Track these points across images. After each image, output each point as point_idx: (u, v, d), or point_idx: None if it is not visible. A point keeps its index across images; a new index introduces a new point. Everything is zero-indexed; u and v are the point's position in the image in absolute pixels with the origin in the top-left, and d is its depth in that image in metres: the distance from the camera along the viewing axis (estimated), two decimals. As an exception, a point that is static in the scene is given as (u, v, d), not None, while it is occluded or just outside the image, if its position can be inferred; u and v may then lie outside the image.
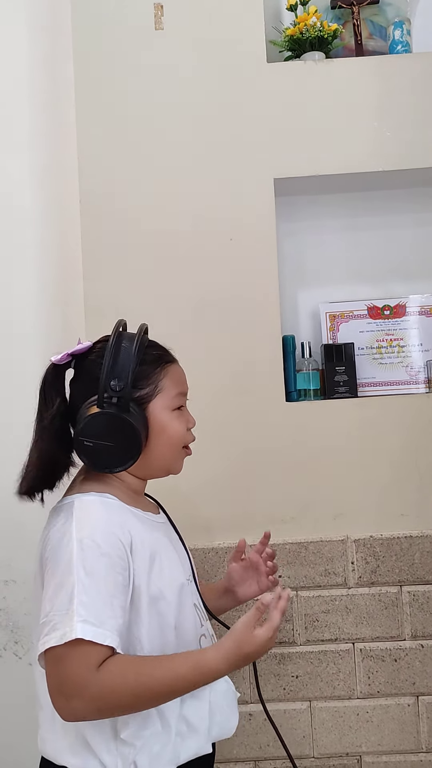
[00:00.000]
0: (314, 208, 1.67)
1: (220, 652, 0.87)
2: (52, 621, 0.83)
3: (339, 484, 1.48)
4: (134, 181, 1.52)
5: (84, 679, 0.82)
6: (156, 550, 0.95)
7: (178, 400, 1.01)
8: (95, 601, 0.84)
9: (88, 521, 0.90)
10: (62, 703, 0.83)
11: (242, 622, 0.88)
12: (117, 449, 0.92)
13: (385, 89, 1.53)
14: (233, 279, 1.51)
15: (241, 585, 1.16)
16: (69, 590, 0.84)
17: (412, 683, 1.44)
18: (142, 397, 0.97)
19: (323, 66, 1.54)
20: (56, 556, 0.87)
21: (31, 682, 1.54)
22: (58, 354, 0.98)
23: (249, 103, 1.53)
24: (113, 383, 0.92)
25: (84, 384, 0.97)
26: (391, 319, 1.61)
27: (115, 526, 0.91)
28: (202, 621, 1.01)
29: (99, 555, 0.86)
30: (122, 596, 0.88)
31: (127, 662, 0.85)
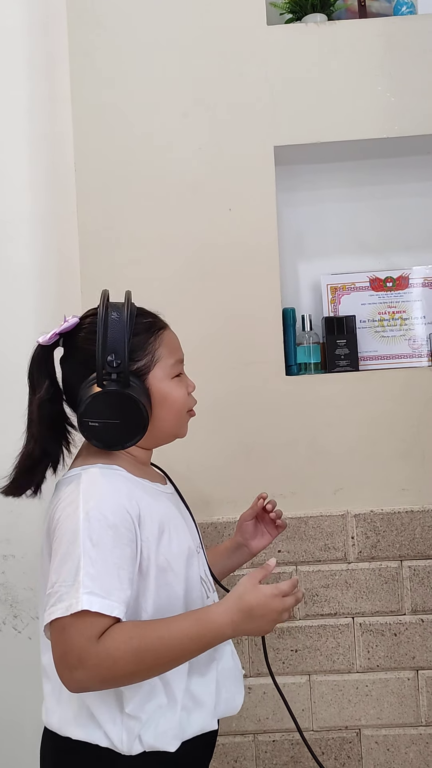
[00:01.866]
0: (315, 177, 1.63)
1: (221, 605, 0.87)
2: (59, 592, 0.82)
3: (339, 458, 1.46)
4: (131, 149, 1.49)
5: (85, 649, 0.81)
6: (165, 520, 0.94)
7: (176, 368, 0.99)
8: (102, 572, 0.83)
9: (96, 493, 0.88)
10: (67, 673, 0.82)
11: (246, 577, 0.88)
12: (123, 426, 0.91)
13: (390, 52, 1.48)
14: (232, 250, 1.48)
15: (253, 538, 1.16)
16: (75, 561, 0.83)
17: (411, 657, 1.43)
18: (140, 369, 0.95)
19: (325, 28, 1.49)
20: (63, 528, 0.86)
21: (30, 655, 1.57)
22: (45, 334, 0.95)
23: (248, 68, 1.48)
24: (110, 359, 0.89)
25: (78, 362, 0.94)
26: (393, 291, 1.58)
27: (122, 498, 0.89)
28: (208, 593, 1.01)
29: (106, 526, 0.85)
30: (129, 568, 0.87)
31: (129, 628, 0.84)
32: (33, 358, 0.97)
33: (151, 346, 0.96)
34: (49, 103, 1.60)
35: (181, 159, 1.48)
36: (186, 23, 1.48)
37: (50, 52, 1.60)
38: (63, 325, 0.96)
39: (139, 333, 0.95)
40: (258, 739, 1.43)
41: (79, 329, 0.96)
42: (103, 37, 1.49)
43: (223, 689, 0.97)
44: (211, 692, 0.95)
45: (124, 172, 1.48)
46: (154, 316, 1.01)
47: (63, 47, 1.54)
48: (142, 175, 1.48)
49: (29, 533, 1.61)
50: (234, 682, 1.00)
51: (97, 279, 1.46)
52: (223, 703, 0.97)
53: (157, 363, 0.96)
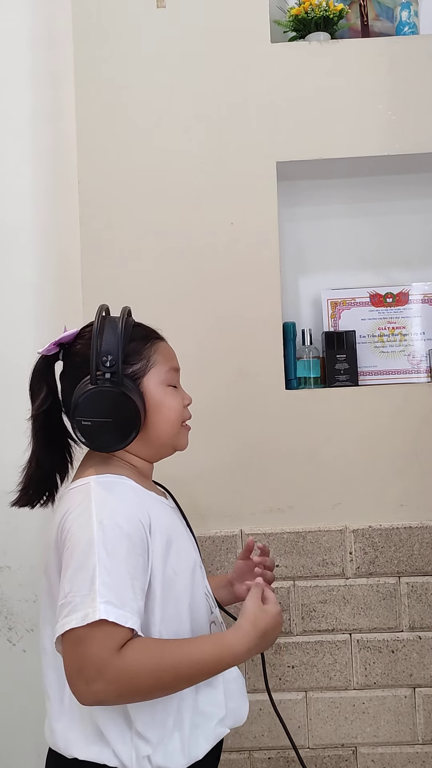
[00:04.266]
0: (317, 193, 1.64)
1: (238, 631, 0.88)
2: (72, 602, 0.81)
3: (338, 473, 1.46)
4: (133, 163, 1.49)
5: (105, 661, 0.79)
6: (173, 533, 0.94)
7: (171, 376, 0.99)
8: (117, 582, 0.82)
9: (109, 502, 0.88)
10: (82, 686, 0.80)
11: (248, 601, 0.91)
12: (116, 425, 0.90)
13: (392, 71, 1.49)
14: (233, 264, 1.49)
15: (240, 581, 1.15)
16: (90, 571, 0.82)
17: (409, 675, 1.42)
18: (135, 373, 0.95)
19: (328, 47, 1.51)
20: (76, 538, 0.85)
21: (25, 667, 1.55)
22: (45, 345, 0.96)
23: (252, 84, 1.50)
24: (104, 359, 0.90)
25: (75, 371, 0.95)
26: (393, 306, 1.58)
27: (135, 508, 0.89)
28: (212, 608, 1.01)
29: (120, 536, 0.85)
30: (142, 578, 0.86)
31: (150, 645, 0.84)
32: (34, 369, 0.97)
33: (146, 351, 0.97)
34: (52, 115, 1.61)
35: (183, 173, 1.49)
36: (191, 39, 1.50)
37: (55, 64, 1.61)
38: (63, 335, 0.97)
39: (135, 339, 0.96)
40: (253, 756, 1.42)
41: (78, 338, 0.97)
42: (108, 51, 1.50)
43: (230, 700, 0.97)
44: (219, 703, 0.95)
45: (126, 184, 1.49)
46: (150, 329, 1.02)
47: (68, 60, 1.55)
48: (144, 188, 1.49)
49: (26, 544, 1.60)
50: (239, 692, 1.00)
51: (99, 290, 1.47)
52: (230, 713, 0.97)
53: (151, 368, 0.97)
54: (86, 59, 1.51)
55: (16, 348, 1.57)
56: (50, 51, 1.61)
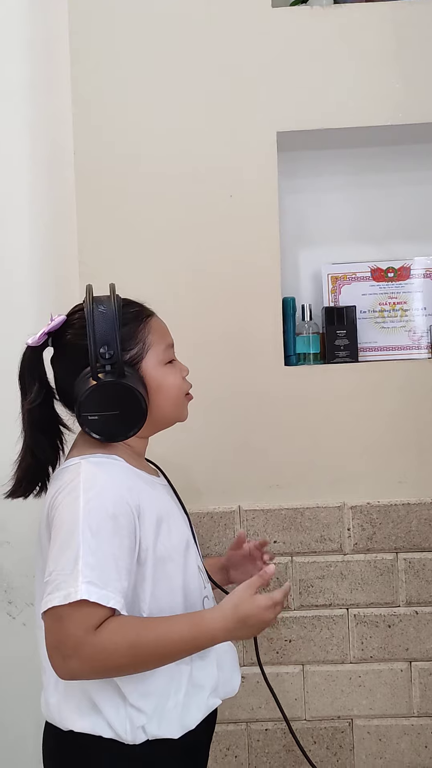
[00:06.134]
0: (318, 163, 1.60)
1: (217, 611, 0.88)
2: (56, 580, 0.82)
3: (337, 449, 1.45)
4: (131, 131, 1.46)
5: (82, 639, 0.81)
6: (163, 512, 0.95)
7: (168, 354, 0.99)
8: (101, 562, 0.83)
9: (97, 482, 0.88)
10: (59, 661, 0.83)
11: (243, 585, 0.89)
12: (123, 416, 0.91)
13: (397, 38, 1.45)
14: (232, 237, 1.46)
15: (236, 569, 1.16)
16: (75, 551, 0.82)
17: (405, 649, 1.44)
18: (133, 358, 0.95)
19: (331, 11, 1.46)
20: (62, 517, 0.86)
21: (25, 641, 1.57)
22: (33, 335, 0.94)
23: (252, 51, 1.45)
24: (102, 351, 0.89)
25: (69, 359, 0.94)
26: (394, 281, 1.56)
27: (123, 488, 0.89)
28: (204, 583, 1.01)
29: (106, 516, 0.85)
30: (128, 558, 0.87)
31: (126, 624, 0.84)
32: (23, 360, 0.96)
33: (141, 334, 0.96)
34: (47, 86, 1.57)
35: (181, 144, 1.45)
36: (189, 3, 1.45)
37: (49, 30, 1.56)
38: (51, 324, 0.95)
39: (127, 323, 0.95)
40: (250, 728, 1.44)
41: (67, 326, 0.96)
42: (105, 16, 1.45)
43: (222, 671, 0.98)
44: (212, 674, 0.96)
45: (123, 156, 1.46)
46: (140, 305, 1.00)
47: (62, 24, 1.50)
48: (141, 160, 1.46)
49: (25, 520, 1.59)
50: (231, 662, 1.02)
51: (95, 264, 1.45)
52: (222, 684, 0.98)
53: (148, 350, 0.96)
54: (81, 24, 1.46)
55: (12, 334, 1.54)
56: (44, 15, 1.56)
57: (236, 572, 1.17)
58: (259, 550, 1.14)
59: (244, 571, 1.15)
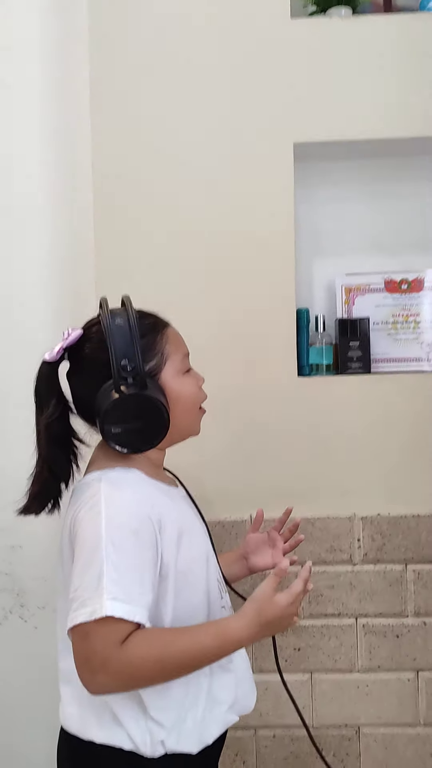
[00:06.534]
0: (334, 174, 1.60)
1: (241, 619, 0.88)
2: (81, 597, 0.83)
3: (348, 460, 1.47)
4: (147, 143, 1.46)
5: (109, 654, 0.82)
6: (184, 524, 0.96)
7: (184, 363, 1.00)
8: (124, 577, 0.84)
9: (117, 497, 0.89)
10: (88, 677, 0.84)
11: (261, 588, 0.88)
12: (145, 428, 0.91)
13: (415, 50, 1.45)
14: (248, 247, 1.46)
15: (255, 554, 1.17)
16: (98, 567, 0.84)
17: (412, 659, 1.45)
18: (152, 369, 0.95)
19: (350, 22, 1.46)
20: (85, 533, 0.87)
21: (37, 644, 1.59)
22: (50, 351, 0.95)
23: (270, 62, 1.45)
24: (124, 363, 0.90)
25: (88, 372, 0.94)
26: (408, 293, 1.57)
27: (143, 503, 0.91)
28: (222, 593, 1.03)
29: (128, 531, 0.86)
30: (151, 572, 0.88)
31: (151, 636, 0.86)
32: (39, 375, 0.96)
33: (158, 344, 0.97)
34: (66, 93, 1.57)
35: (198, 153, 1.46)
36: (209, 13, 1.45)
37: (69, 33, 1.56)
38: (68, 339, 0.95)
39: (145, 334, 0.95)
40: (258, 734, 1.46)
41: (84, 340, 0.96)
42: (124, 24, 1.45)
43: (239, 688, 1.00)
44: (230, 690, 0.98)
45: (140, 164, 1.46)
46: (155, 316, 1.01)
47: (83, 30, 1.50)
48: (159, 169, 1.46)
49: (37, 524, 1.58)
50: (248, 679, 1.04)
51: (111, 273, 1.46)
52: (239, 700, 1.00)
53: (167, 361, 0.97)
54: (101, 32, 1.46)
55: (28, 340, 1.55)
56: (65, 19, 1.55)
57: (256, 558, 1.16)
58: (277, 530, 1.15)
59: (265, 556, 1.16)
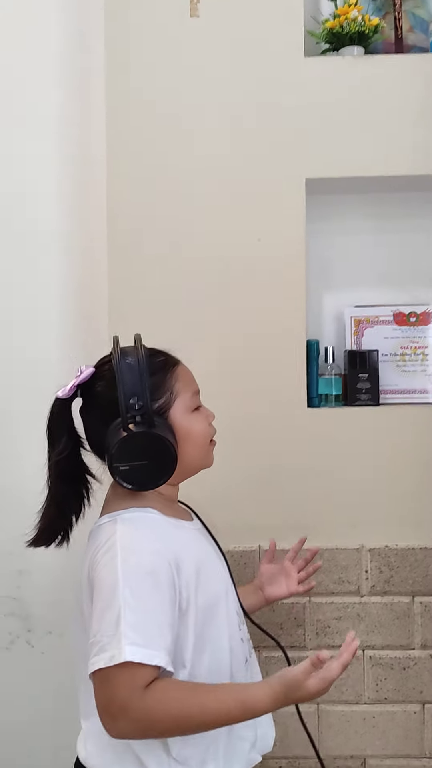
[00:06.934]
0: (343, 208, 1.63)
1: (268, 695, 0.86)
2: (101, 642, 0.84)
3: (357, 492, 1.48)
4: (161, 173, 1.48)
5: (129, 701, 0.83)
6: (201, 560, 0.97)
7: (194, 401, 1.02)
8: (142, 621, 0.85)
9: (132, 540, 0.90)
10: (109, 722, 0.85)
11: (294, 672, 0.85)
12: (153, 466, 0.93)
13: (426, 90, 1.47)
14: (259, 280, 1.48)
15: (270, 584, 1.19)
16: (116, 611, 0.84)
17: (419, 692, 1.46)
18: (161, 407, 0.97)
19: (362, 62, 1.49)
20: (102, 577, 0.88)
21: (43, 670, 1.60)
22: (63, 388, 0.97)
23: (284, 98, 1.48)
24: (132, 402, 0.91)
25: (99, 410, 0.96)
26: (416, 326, 1.59)
27: (159, 543, 0.92)
28: (240, 625, 1.03)
29: (145, 574, 0.87)
30: (170, 613, 0.89)
31: (174, 690, 0.86)
32: (51, 412, 0.98)
33: (168, 383, 0.99)
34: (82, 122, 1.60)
35: (212, 186, 1.48)
36: (223, 50, 1.48)
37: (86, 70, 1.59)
38: (80, 376, 0.98)
39: (155, 372, 0.97)
40: (266, 764, 1.46)
41: (97, 378, 0.98)
42: (139, 59, 1.48)
43: (259, 726, 1.01)
44: (252, 727, 0.98)
45: (154, 197, 1.49)
46: (165, 354, 1.03)
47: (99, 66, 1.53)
48: (173, 200, 1.48)
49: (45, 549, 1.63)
50: (267, 719, 1.04)
51: (123, 303, 1.48)
52: (260, 739, 1.01)
53: (176, 398, 0.99)
54: (118, 66, 1.49)
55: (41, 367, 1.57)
56: (81, 57, 1.59)
57: (271, 587, 1.18)
58: (291, 561, 1.17)
59: (280, 586, 1.18)
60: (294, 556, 1.19)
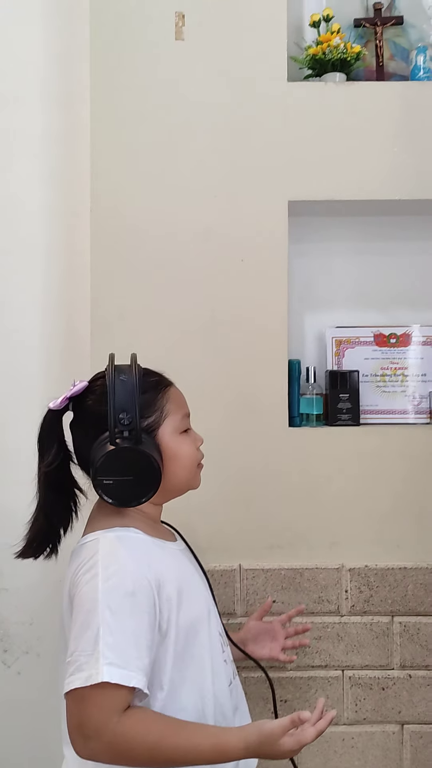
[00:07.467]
0: (325, 230, 1.65)
1: (242, 743, 0.87)
2: (78, 661, 0.84)
3: (337, 511, 1.49)
4: (146, 195, 1.50)
5: (104, 723, 0.83)
6: (183, 581, 0.97)
7: (184, 423, 1.02)
8: (120, 641, 0.85)
9: (114, 559, 0.90)
10: (80, 742, 0.84)
11: (272, 726, 0.87)
12: (137, 482, 0.93)
13: (405, 116, 1.51)
14: (242, 300, 1.50)
15: (254, 642, 1.19)
16: (94, 631, 0.84)
17: (398, 712, 1.46)
18: (150, 426, 0.97)
19: (344, 88, 1.52)
20: (82, 596, 0.87)
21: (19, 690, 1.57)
22: (55, 399, 0.97)
23: (267, 122, 1.50)
24: (121, 417, 0.92)
25: (89, 424, 0.97)
26: (396, 347, 1.61)
27: (141, 563, 0.92)
28: (223, 647, 1.03)
29: (125, 594, 0.87)
30: (148, 635, 0.88)
31: (151, 722, 0.86)
32: (43, 423, 0.99)
33: (159, 402, 0.99)
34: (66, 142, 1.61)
35: (196, 208, 1.49)
36: (208, 73, 1.50)
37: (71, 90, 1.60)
38: (73, 389, 0.99)
39: (147, 391, 0.98)
40: (243, 787, 1.45)
41: (88, 392, 0.99)
42: (125, 80, 1.49)
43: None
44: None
45: (138, 217, 1.49)
46: (159, 375, 1.04)
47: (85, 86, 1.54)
48: (156, 221, 1.49)
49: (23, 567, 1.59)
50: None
51: (107, 323, 1.48)
52: (243, 763, 0.99)
53: (165, 418, 0.99)
54: (103, 87, 1.50)
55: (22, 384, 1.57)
56: (67, 77, 1.61)
57: (254, 646, 1.18)
58: (282, 625, 1.16)
59: (263, 646, 1.18)
60: (287, 621, 1.19)
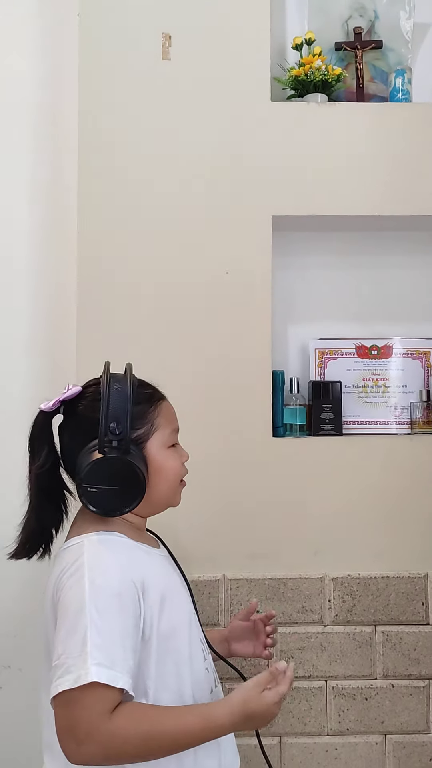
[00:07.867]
0: (309, 244, 1.69)
1: (227, 706, 0.89)
2: (65, 664, 0.84)
3: (320, 521, 1.50)
4: (132, 207, 1.52)
5: (95, 724, 0.82)
6: (166, 586, 0.97)
7: (172, 437, 1.03)
8: (107, 643, 0.85)
9: (100, 561, 0.90)
10: (72, 746, 0.83)
11: (253, 680, 0.90)
12: (121, 492, 0.93)
13: (384, 136, 1.56)
14: (227, 312, 1.52)
15: (238, 641, 1.19)
16: (82, 632, 0.84)
17: (381, 722, 1.46)
18: (139, 437, 0.98)
19: (325, 108, 1.56)
20: (68, 598, 0.87)
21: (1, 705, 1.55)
22: (48, 401, 0.98)
23: (251, 140, 1.54)
24: (112, 426, 0.92)
25: (79, 429, 0.97)
26: (378, 359, 1.64)
27: (126, 565, 0.92)
28: (205, 654, 1.03)
29: (112, 594, 0.87)
30: (134, 637, 0.89)
31: (139, 712, 0.86)
32: (34, 423, 0.99)
33: (150, 415, 1.00)
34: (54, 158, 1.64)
35: (181, 223, 1.52)
36: (194, 92, 1.54)
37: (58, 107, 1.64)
38: (66, 393, 0.99)
39: (140, 402, 0.99)
40: (227, 801, 1.43)
41: (81, 398, 1.00)
42: (111, 99, 1.53)
43: (224, 755, 1.00)
44: (216, 757, 0.98)
45: (124, 232, 1.52)
46: (153, 388, 1.05)
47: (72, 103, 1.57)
48: (142, 237, 1.52)
49: (3, 580, 1.60)
50: (231, 746, 1.03)
51: (93, 337, 1.49)
52: (224, 766, 0.99)
53: (155, 432, 1.00)
54: (89, 105, 1.53)
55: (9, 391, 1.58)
56: (54, 94, 1.64)
57: (238, 645, 1.19)
58: (263, 623, 1.17)
59: (246, 645, 1.18)
60: (267, 620, 1.19)
